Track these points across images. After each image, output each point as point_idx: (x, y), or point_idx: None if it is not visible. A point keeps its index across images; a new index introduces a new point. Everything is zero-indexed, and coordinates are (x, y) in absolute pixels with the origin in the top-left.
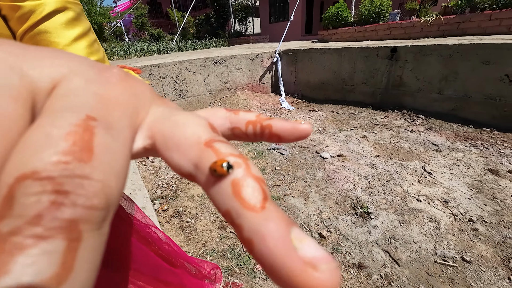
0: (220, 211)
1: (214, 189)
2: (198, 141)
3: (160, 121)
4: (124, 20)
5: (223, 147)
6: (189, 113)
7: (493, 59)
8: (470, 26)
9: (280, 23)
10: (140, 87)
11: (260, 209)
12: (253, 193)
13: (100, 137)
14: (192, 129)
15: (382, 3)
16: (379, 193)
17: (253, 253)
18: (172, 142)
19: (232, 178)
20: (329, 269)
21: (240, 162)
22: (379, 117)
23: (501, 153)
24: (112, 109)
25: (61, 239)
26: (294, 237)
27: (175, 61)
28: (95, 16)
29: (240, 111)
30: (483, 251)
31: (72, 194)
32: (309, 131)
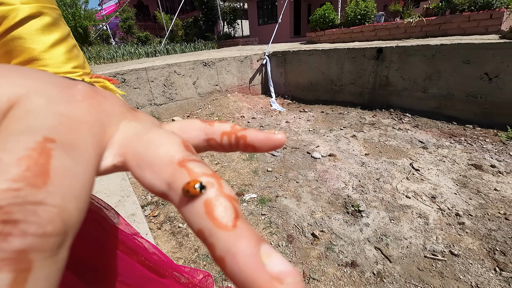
0: (193, 230)
1: (187, 208)
2: (172, 161)
3: (131, 138)
4: (110, 23)
5: (196, 167)
6: (162, 130)
7: (473, 59)
8: (451, 27)
9: (269, 25)
10: (109, 102)
11: (231, 227)
12: (225, 212)
13: (58, 160)
14: (166, 149)
15: (367, 5)
16: (370, 191)
17: (225, 271)
18: (144, 161)
19: (205, 198)
20: (294, 282)
21: (212, 182)
22: (367, 116)
23: (483, 148)
24: (74, 129)
25: (7, 272)
26: (263, 253)
27: (164, 64)
28: (79, 19)
29: (215, 122)
30: (470, 244)
31: (22, 222)
32: (282, 141)
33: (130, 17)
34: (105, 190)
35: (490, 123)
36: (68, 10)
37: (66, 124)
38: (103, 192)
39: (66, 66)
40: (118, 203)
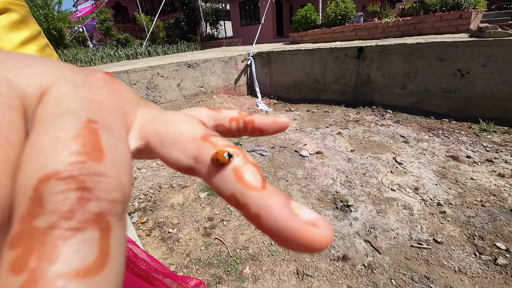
0: (224, 196)
1: (217, 177)
2: (195, 136)
3: (150, 121)
4: (86, 25)
5: (219, 140)
6: (177, 112)
7: (447, 56)
8: (425, 26)
9: (252, 26)
10: (124, 89)
11: (261, 188)
12: (254, 176)
13: (105, 138)
14: (187, 126)
15: (347, 6)
16: (357, 186)
17: (261, 225)
18: (167, 139)
19: (233, 165)
20: (326, 226)
21: (237, 152)
22: (351, 113)
23: (459, 140)
24: (105, 112)
25: (95, 229)
26: (294, 206)
27: (146, 67)
28: (52, 21)
29: (222, 109)
30: (452, 231)
31: (94, 190)
32: (287, 123)
33: (108, 18)
34: None
35: (464, 116)
36: (39, 11)
37: (98, 108)
38: None
39: None
40: None
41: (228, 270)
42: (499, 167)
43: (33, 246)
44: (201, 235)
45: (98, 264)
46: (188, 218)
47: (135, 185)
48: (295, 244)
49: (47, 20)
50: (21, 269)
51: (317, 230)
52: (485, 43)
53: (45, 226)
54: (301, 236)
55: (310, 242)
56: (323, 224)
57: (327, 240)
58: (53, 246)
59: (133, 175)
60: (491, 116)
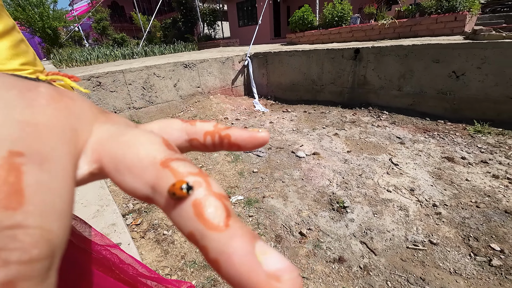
0: (184, 234)
1: (175, 212)
2: (154, 162)
3: (107, 141)
4: (82, 24)
5: (181, 166)
6: (140, 130)
7: (442, 58)
8: (421, 28)
9: (249, 26)
10: (77, 104)
11: (224, 227)
12: (216, 212)
13: (31, 175)
14: (146, 149)
15: (344, 8)
16: (353, 187)
17: (220, 273)
18: (123, 165)
19: (193, 199)
20: (291, 279)
21: (200, 181)
22: (348, 114)
23: (454, 141)
24: (43, 138)
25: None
26: (258, 251)
27: (142, 66)
28: (48, 20)
29: (197, 121)
30: (447, 233)
31: (2, 251)
32: (266, 139)
33: (104, 18)
34: (82, 200)
35: (459, 118)
36: (34, 10)
37: (32, 133)
38: (80, 202)
39: (13, 62)
40: (96, 213)
41: None
42: (494, 168)
43: None
44: None
45: None
46: None
47: None
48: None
49: (42, 19)
50: None
51: (279, 285)
52: (479, 45)
53: None
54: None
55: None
56: (288, 277)
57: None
58: None
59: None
60: (485, 117)
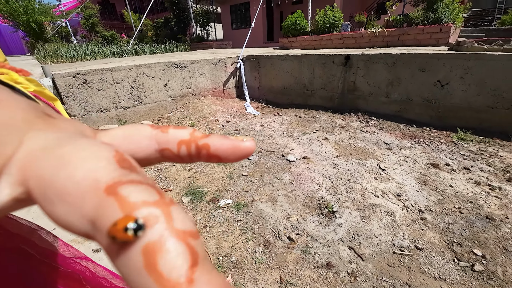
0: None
1: (119, 260)
2: (96, 186)
3: (37, 157)
4: (71, 20)
5: (134, 192)
6: (87, 141)
7: (428, 67)
8: (408, 38)
9: (242, 29)
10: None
11: (186, 284)
12: (176, 262)
13: None
14: (86, 168)
15: (335, 15)
16: (342, 192)
17: None
18: (54, 190)
19: (145, 242)
20: None
21: (157, 215)
22: (337, 119)
23: (439, 148)
24: None
25: None
26: None
27: (131, 65)
28: (33, 13)
29: (170, 127)
30: (432, 238)
31: None
32: (251, 149)
33: (94, 14)
34: None
35: (443, 125)
36: (18, 3)
37: None
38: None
39: None
40: None
41: None
42: (475, 175)
43: None
44: None
45: None
46: None
47: None
48: None
49: (26, 12)
50: None
51: None
52: (463, 56)
53: None
54: None
55: None
56: None
57: None
58: None
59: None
60: (468, 125)
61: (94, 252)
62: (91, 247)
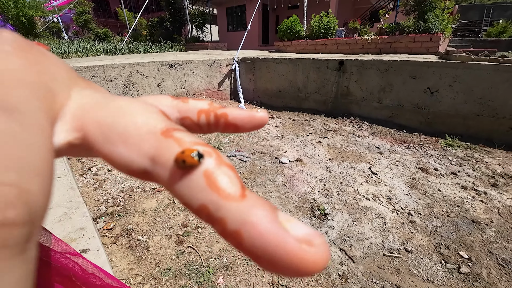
0: (192, 208)
1: (182, 183)
2: (153, 130)
3: (93, 107)
4: (62, 16)
5: (186, 136)
6: (132, 98)
7: (418, 74)
8: (400, 46)
9: (238, 32)
10: (52, 62)
11: (240, 198)
12: (231, 182)
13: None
14: (144, 117)
15: (330, 21)
16: (334, 195)
17: (242, 246)
18: (115, 133)
19: (204, 168)
20: (323, 243)
21: (210, 151)
22: (331, 123)
23: (428, 153)
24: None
25: None
26: (282, 219)
27: (125, 63)
28: (23, 7)
29: (189, 98)
30: (421, 241)
31: None
32: (265, 119)
33: (87, 11)
34: None
35: (433, 131)
36: None
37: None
38: None
39: None
40: (63, 216)
41: (200, 281)
42: (462, 179)
43: None
44: (173, 243)
45: None
46: (160, 224)
47: (103, 188)
48: (288, 268)
49: (16, 6)
50: None
51: (313, 249)
52: (451, 65)
53: None
54: (295, 258)
55: (306, 265)
56: (319, 241)
57: (324, 262)
58: None
59: (53, 181)
60: (455, 132)
61: (81, 252)
62: (78, 248)
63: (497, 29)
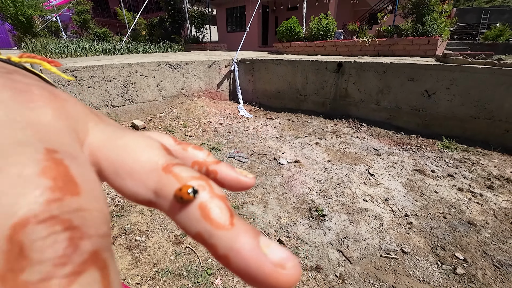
0: (190, 235)
1: (181, 215)
2: (155, 167)
3: (104, 144)
4: (61, 15)
5: (183, 171)
6: (137, 134)
7: (416, 77)
8: (398, 48)
9: (237, 33)
10: (71, 104)
11: (230, 226)
12: (222, 213)
13: (74, 168)
14: (147, 154)
15: (329, 23)
16: (332, 196)
17: (230, 267)
18: (124, 169)
19: (199, 202)
20: (294, 266)
21: (203, 185)
22: (329, 125)
23: (425, 155)
24: (60, 138)
25: (94, 270)
26: (262, 245)
27: (124, 63)
28: (21, 7)
29: (190, 146)
30: (417, 242)
31: (82, 227)
32: (251, 185)
33: (86, 10)
34: None
35: (430, 133)
36: None
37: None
38: None
39: None
40: None
41: (198, 282)
42: (459, 182)
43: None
44: (171, 244)
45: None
46: (158, 225)
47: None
48: (267, 285)
49: (15, 5)
50: None
51: (285, 272)
52: (449, 68)
53: (38, 279)
54: (270, 278)
55: (280, 283)
56: (291, 264)
57: (293, 281)
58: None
59: None
60: (452, 134)
61: None
62: None
63: (494, 32)
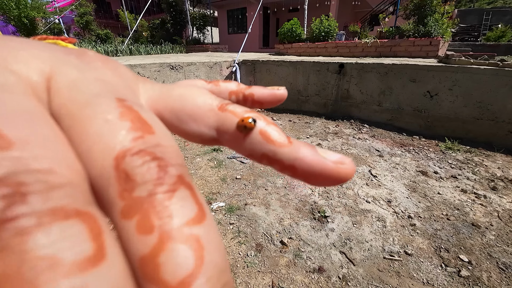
0: (255, 157)
1: (246, 142)
2: (212, 108)
3: (160, 97)
4: (64, 17)
5: (237, 108)
6: (184, 83)
7: (418, 78)
8: (400, 49)
9: (239, 34)
10: (121, 67)
11: (289, 144)
12: (279, 134)
13: (143, 113)
14: (201, 98)
15: (330, 24)
16: (334, 197)
17: (297, 174)
18: (186, 114)
19: (259, 128)
20: (350, 161)
21: (258, 116)
22: (331, 126)
23: (428, 157)
24: (122, 91)
25: (184, 189)
26: (320, 152)
27: (126, 65)
28: (25, 9)
29: (220, 81)
30: (421, 244)
31: (165, 158)
32: (284, 95)
33: (88, 12)
34: None
35: (432, 134)
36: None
37: (114, 88)
38: None
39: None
40: None
41: None
42: (462, 183)
43: (148, 211)
44: None
45: (201, 213)
46: None
47: None
48: (330, 179)
49: (18, 7)
50: (150, 229)
51: (345, 166)
52: (451, 69)
53: (146, 194)
54: (334, 173)
55: (342, 175)
56: (348, 161)
57: (352, 173)
58: (164, 207)
59: None
60: (455, 135)
61: None
62: None
63: (496, 33)
